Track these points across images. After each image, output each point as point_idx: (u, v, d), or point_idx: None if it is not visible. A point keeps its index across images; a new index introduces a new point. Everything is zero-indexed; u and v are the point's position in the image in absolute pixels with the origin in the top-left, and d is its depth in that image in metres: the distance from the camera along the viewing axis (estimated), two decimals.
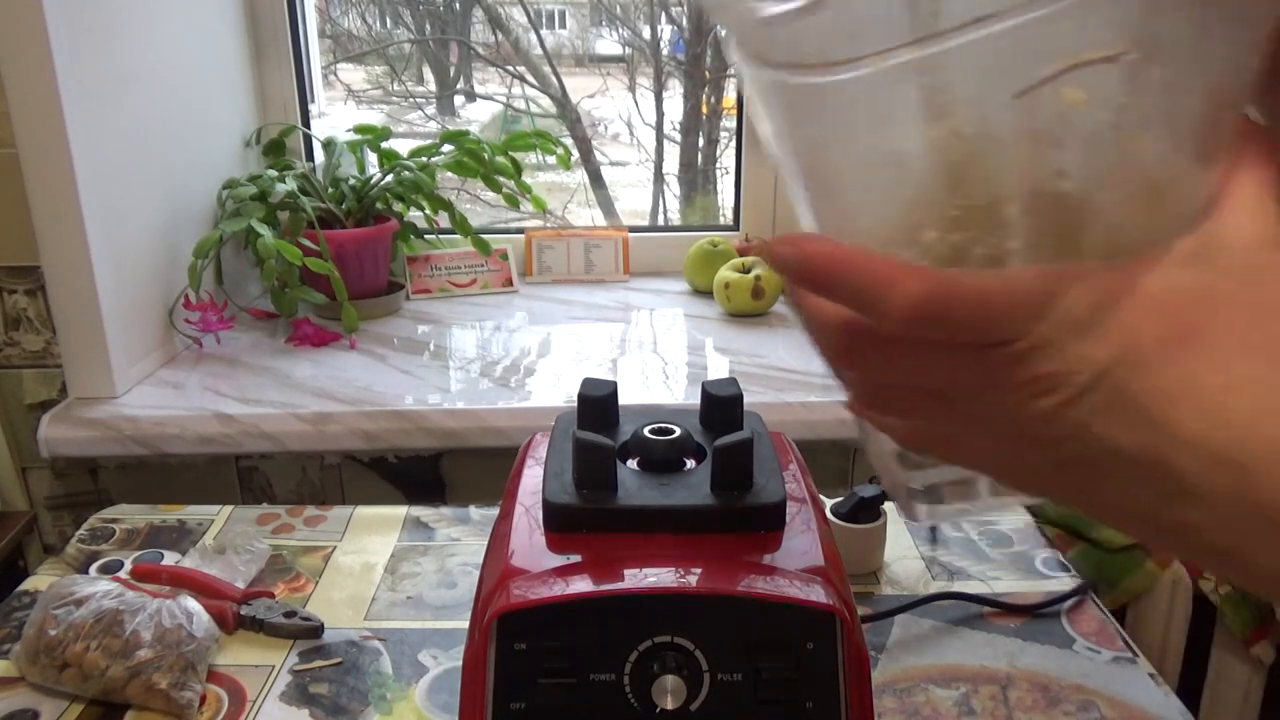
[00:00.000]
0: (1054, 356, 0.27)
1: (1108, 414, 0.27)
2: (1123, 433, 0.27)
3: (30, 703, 0.68)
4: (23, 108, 1.04)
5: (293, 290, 1.32)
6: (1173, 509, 0.27)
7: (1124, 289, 0.27)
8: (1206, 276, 0.27)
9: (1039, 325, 0.27)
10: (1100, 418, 0.27)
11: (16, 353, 1.16)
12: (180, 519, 0.93)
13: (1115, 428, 0.27)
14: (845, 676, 0.49)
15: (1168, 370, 0.26)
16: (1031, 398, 0.28)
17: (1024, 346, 0.27)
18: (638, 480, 0.56)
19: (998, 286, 0.27)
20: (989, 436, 0.30)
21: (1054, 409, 0.28)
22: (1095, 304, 0.27)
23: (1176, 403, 0.26)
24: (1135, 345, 0.27)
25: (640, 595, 0.49)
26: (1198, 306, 0.27)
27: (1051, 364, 0.27)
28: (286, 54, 1.53)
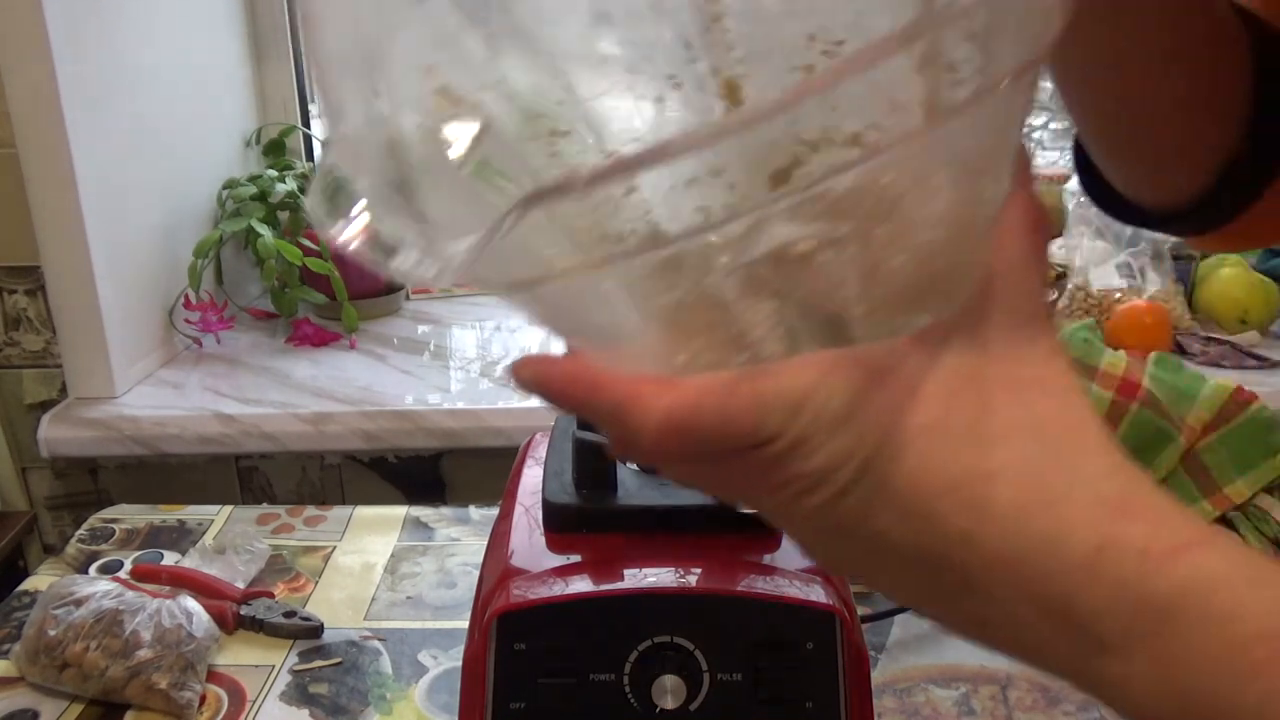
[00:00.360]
0: (812, 454, 0.25)
1: (879, 508, 0.26)
2: (897, 526, 0.26)
3: (30, 703, 0.68)
4: (23, 108, 1.04)
5: (293, 290, 1.32)
6: (964, 602, 0.26)
7: (885, 373, 0.25)
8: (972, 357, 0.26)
9: (794, 423, 0.25)
10: (874, 512, 0.26)
11: (16, 353, 1.16)
12: (180, 519, 0.93)
13: (889, 522, 0.26)
14: (845, 676, 0.49)
15: (930, 460, 0.25)
16: (800, 495, 0.26)
17: (781, 447, 0.25)
18: (638, 480, 0.56)
19: (745, 391, 0.25)
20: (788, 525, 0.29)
21: (826, 504, 0.26)
22: (854, 393, 0.25)
23: (941, 496, 0.25)
24: (896, 433, 0.25)
25: (640, 595, 0.49)
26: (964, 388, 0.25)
27: (810, 462, 0.25)
28: (286, 54, 1.53)
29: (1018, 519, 0.25)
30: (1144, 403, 1.10)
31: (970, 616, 0.27)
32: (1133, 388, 1.11)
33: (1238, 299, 1.38)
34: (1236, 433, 1.13)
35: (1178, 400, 1.14)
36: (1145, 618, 0.24)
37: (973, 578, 0.25)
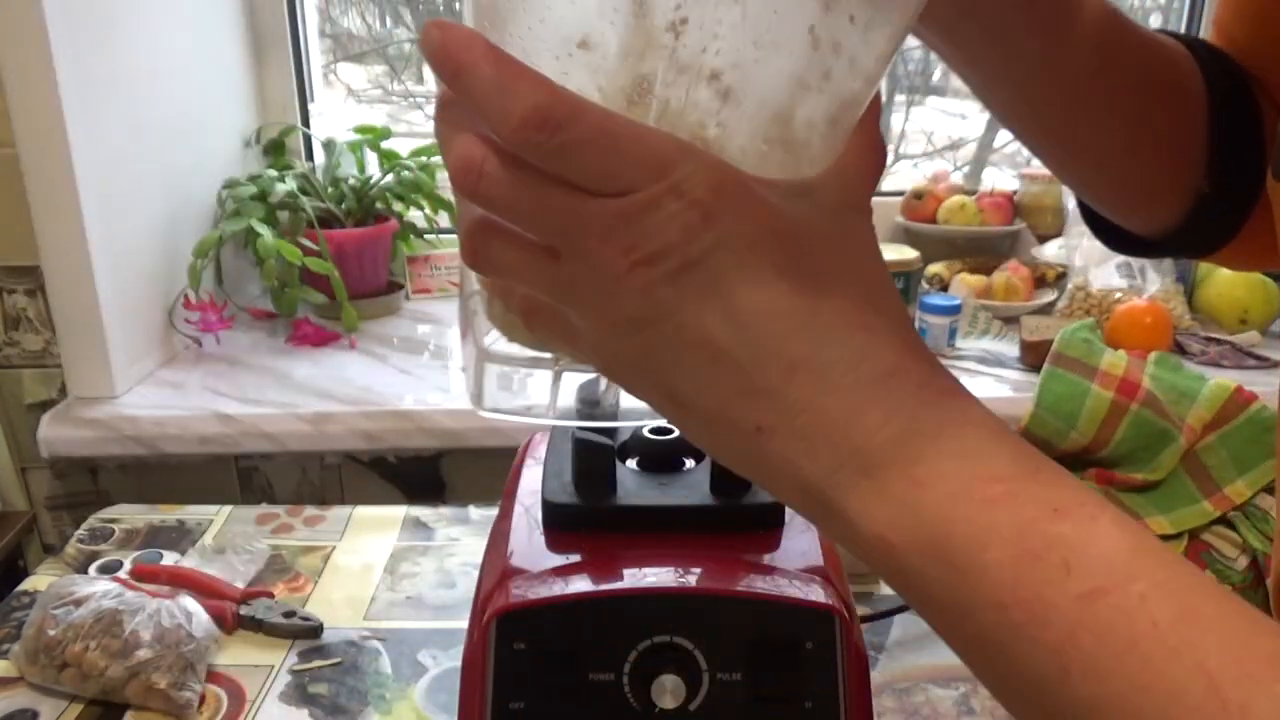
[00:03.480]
0: (665, 223, 0.27)
1: (701, 299, 0.28)
2: (711, 320, 0.28)
3: (30, 703, 0.68)
4: (23, 108, 1.04)
5: (293, 290, 1.32)
6: (750, 408, 0.29)
7: (742, 186, 0.28)
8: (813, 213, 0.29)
9: (657, 183, 0.27)
10: (693, 302, 0.28)
11: (16, 353, 1.16)
12: (180, 519, 0.93)
13: (706, 315, 0.28)
14: (845, 676, 0.49)
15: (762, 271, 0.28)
16: (638, 264, 0.27)
17: (639, 200, 0.27)
18: (637, 480, 0.56)
19: (625, 127, 0.27)
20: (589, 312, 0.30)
21: (653, 282, 0.28)
22: (714, 186, 0.27)
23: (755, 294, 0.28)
24: (739, 235, 0.27)
25: (640, 595, 0.49)
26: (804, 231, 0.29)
27: (660, 228, 0.27)
28: (286, 54, 1.53)
29: (828, 335, 0.28)
30: (1144, 403, 1.10)
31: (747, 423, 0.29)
32: (1133, 388, 1.11)
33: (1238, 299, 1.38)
34: (1236, 433, 1.12)
35: (1178, 400, 1.14)
36: (911, 441, 0.28)
37: (768, 383, 0.28)
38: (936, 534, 0.28)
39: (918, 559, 0.28)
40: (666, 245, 0.27)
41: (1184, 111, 0.48)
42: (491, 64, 0.27)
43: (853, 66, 0.30)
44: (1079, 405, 1.11)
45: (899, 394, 0.28)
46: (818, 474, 0.29)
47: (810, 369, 0.28)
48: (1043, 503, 0.28)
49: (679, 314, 0.28)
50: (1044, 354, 1.20)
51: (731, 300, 0.28)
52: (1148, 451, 1.11)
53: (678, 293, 0.28)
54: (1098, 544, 0.27)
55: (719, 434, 0.30)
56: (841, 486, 0.29)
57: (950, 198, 1.58)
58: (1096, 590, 0.26)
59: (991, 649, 0.28)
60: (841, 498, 0.29)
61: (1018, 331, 1.30)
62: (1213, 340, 1.32)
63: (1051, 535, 0.27)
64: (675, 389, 0.30)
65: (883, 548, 0.28)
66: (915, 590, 0.29)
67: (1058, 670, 0.26)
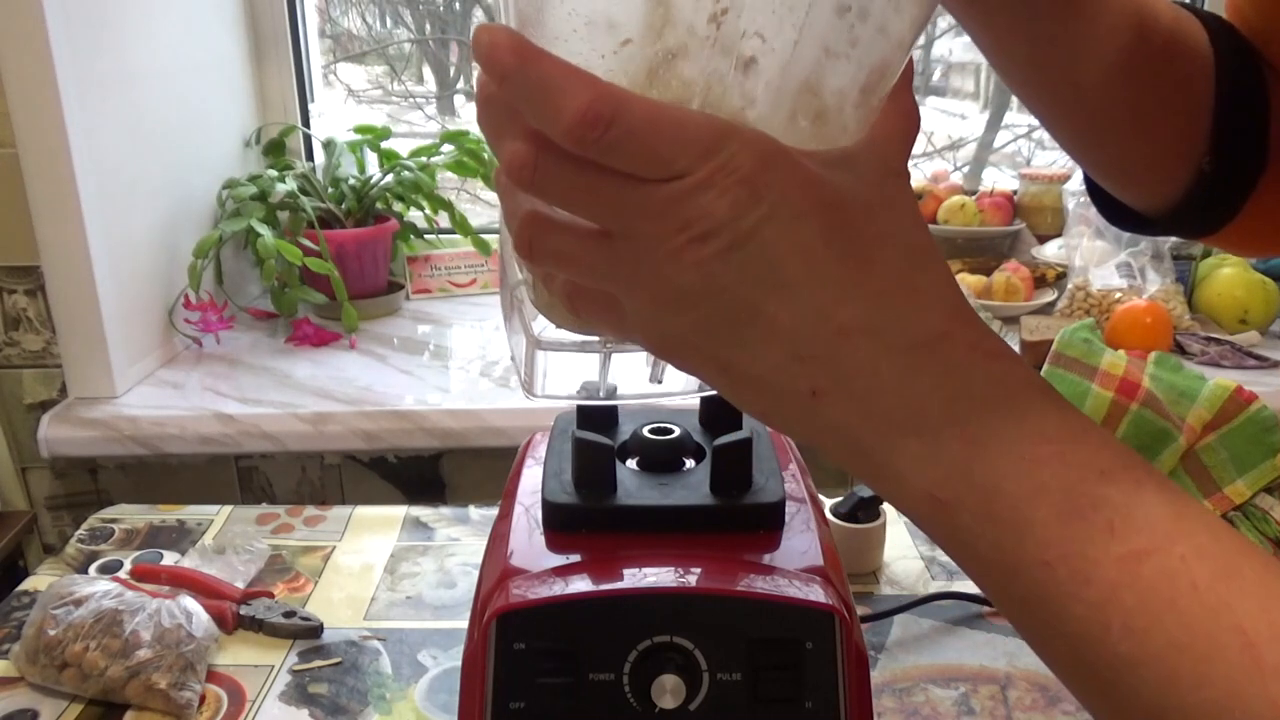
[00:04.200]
0: (715, 201, 0.28)
1: (752, 272, 0.29)
2: (763, 292, 0.29)
3: (30, 703, 0.68)
4: (23, 108, 1.04)
5: (293, 290, 1.32)
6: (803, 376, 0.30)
7: (787, 159, 0.29)
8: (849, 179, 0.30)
9: (705, 165, 0.28)
10: (745, 275, 0.29)
11: (16, 353, 1.16)
12: (180, 519, 0.93)
13: (758, 287, 0.29)
14: (844, 676, 0.49)
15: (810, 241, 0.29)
16: (687, 244, 0.28)
17: (689, 183, 0.28)
18: (637, 480, 0.56)
19: (670, 114, 0.28)
20: (641, 292, 0.30)
21: (705, 259, 0.28)
22: (759, 162, 0.28)
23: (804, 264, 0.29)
24: (786, 207, 0.28)
25: (640, 595, 0.49)
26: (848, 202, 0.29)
27: (711, 207, 0.28)
28: (286, 54, 1.53)
29: (877, 300, 0.29)
30: (1144, 403, 1.10)
31: (802, 387, 0.30)
32: (1133, 388, 1.11)
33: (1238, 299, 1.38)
34: (1236, 433, 1.13)
35: (1178, 400, 1.14)
36: (961, 403, 0.29)
37: (821, 349, 0.29)
38: (985, 493, 0.28)
39: (966, 517, 0.29)
40: (718, 223, 0.28)
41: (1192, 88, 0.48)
42: (539, 66, 0.27)
43: (882, 33, 0.30)
44: (1079, 405, 1.11)
45: (949, 357, 0.29)
46: (871, 435, 0.30)
47: (862, 334, 0.29)
48: (1090, 465, 0.28)
49: (732, 288, 0.29)
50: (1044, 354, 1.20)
51: (782, 271, 0.29)
52: (1148, 451, 1.11)
53: (730, 268, 0.29)
54: (1142, 507, 0.28)
55: (773, 400, 0.31)
56: (894, 447, 0.29)
57: (950, 198, 1.58)
58: (1139, 551, 0.27)
59: (1035, 606, 0.29)
60: (894, 458, 0.30)
61: (1018, 331, 1.30)
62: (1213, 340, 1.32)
63: (1098, 496, 0.28)
64: (728, 360, 0.31)
65: (933, 506, 0.29)
66: (963, 548, 0.30)
67: (1098, 627, 0.27)
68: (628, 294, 0.31)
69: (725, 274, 0.29)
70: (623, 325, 0.32)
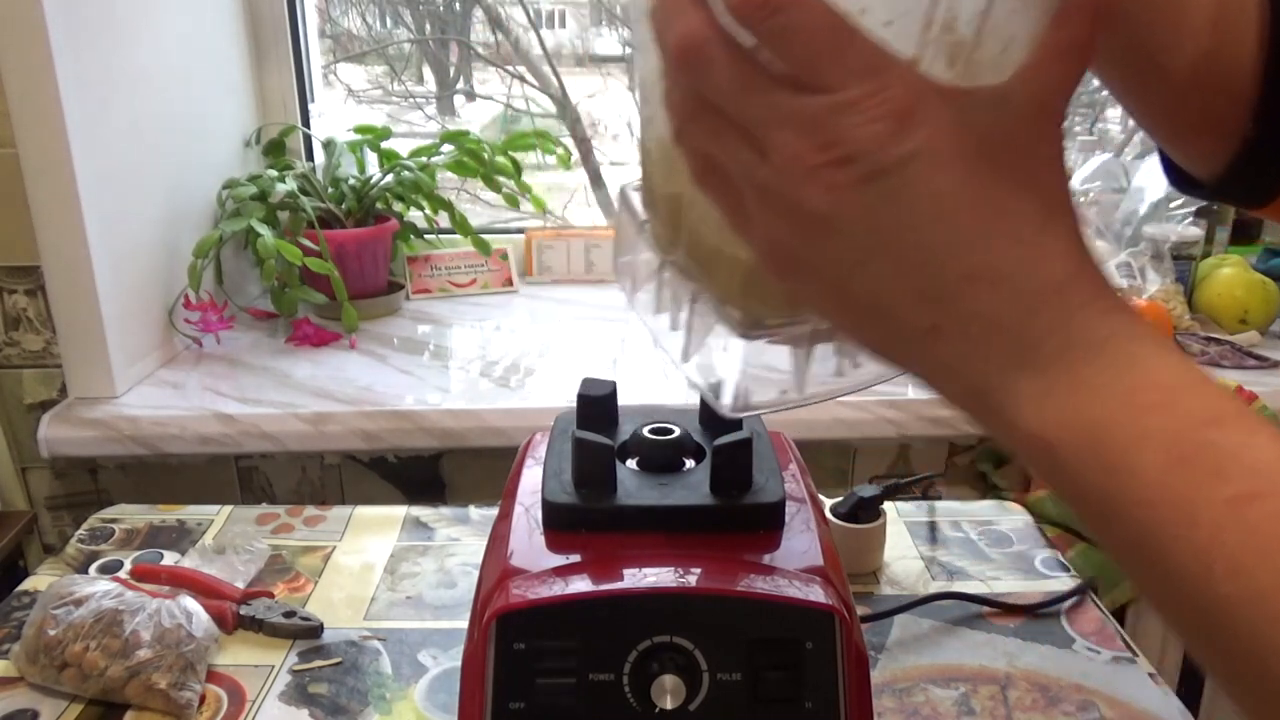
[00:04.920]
0: (863, 126, 0.28)
1: (888, 206, 0.29)
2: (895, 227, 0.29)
3: (30, 703, 0.68)
4: (23, 108, 1.04)
5: (293, 290, 1.32)
6: (924, 311, 0.30)
7: (942, 98, 0.29)
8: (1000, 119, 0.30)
9: (860, 86, 0.28)
10: (880, 208, 0.29)
11: (16, 353, 1.16)
12: (180, 519, 0.93)
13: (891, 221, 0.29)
14: (845, 676, 0.49)
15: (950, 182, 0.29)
16: (826, 165, 0.28)
17: (839, 100, 0.28)
18: (637, 480, 0.56)
19: (841, 25, 0.28)
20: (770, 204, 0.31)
21: (841, 184, 0.29)
22: (916, 96, 0.28)
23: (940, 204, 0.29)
24: (932, 146, 0.28)
25: (640, 595, 0.49)
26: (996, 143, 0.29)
27: (857, 131, 0.28)
28: (286, 54, 1.53)
29: (1009, 245, 0.29)
30: None
31: (921, 324, 0.30)
32: None
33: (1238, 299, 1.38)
34: None
35: None
36: (1078, 348, 0.29)
37: (947, 289, 0.30)
38: (1094, 436, 0.29)
39: (1074, 459, 0.29)
40: (860, 149, 0.28)
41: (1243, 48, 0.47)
42: None
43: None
44: None
45: (1071, 304, 0.30)
46: (985, 375, 0.30)
47: (989, 276, 0.29)
48: (1200, 412, 0.29)
49: (863, 220, 0.29)
50: None
51: (917, 209, 0.29)
52: None
53: (864, 199, 0.29)
54: (1252, 452, 0.28)
55: (888, 333, 0.32)
56: (1007, 388, 0.30)
57: None
58: (1246, 494, 0.27)
59: (1138, 547, 0.29)
60: (1005, 399, 0.30)
61: None
62: (1213, 340, 1.32)
63: (1205, 441, 0.28)
64: (849, 289, 0.31)
65: (1042, 447, 0.30)
66: (1069, 488, 0.30)
67: (1202, 568, 0.27)
68: (757, 202, 0.31)
69: (858, 205, 0.29)
70: (746, 227, 0.32)
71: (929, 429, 1.14)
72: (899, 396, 1.16)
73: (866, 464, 1.22)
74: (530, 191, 1.53)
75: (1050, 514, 1.11)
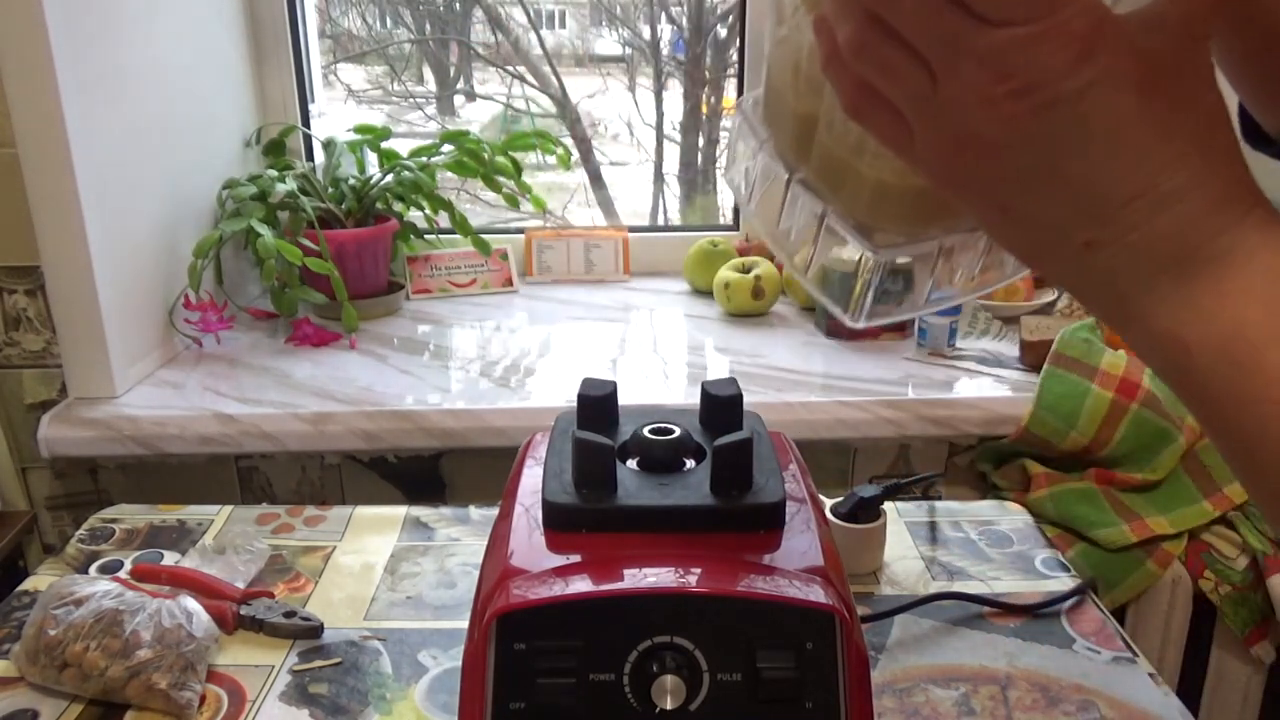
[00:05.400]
0: (1045, 58, 0.29)
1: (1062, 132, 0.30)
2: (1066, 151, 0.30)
3: (30, 703, 0.68)
4: (23, 108, 1.04)
5: (293, 290, 1.32)
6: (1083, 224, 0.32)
7: (1116, 27, 0.30)
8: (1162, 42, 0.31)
9: (1043, 19, 0.29)
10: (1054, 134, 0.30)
11: (16, 353, 1.16)
12: (180, 519, 0.93)
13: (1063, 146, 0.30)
14: (845, 676, 0.49)
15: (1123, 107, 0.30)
16: (1005, 95, 0.30)
17: (1023, 33, 0.29)
18: (637, 480, 0.56)
19: None
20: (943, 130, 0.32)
21: (1019, 113, 0.30)
22: (1094, 26, 0.29)
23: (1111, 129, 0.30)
24: (1109, 74, 0.30)
25: (640, 595, 0.49)
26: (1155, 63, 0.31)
27: (1038, 62, 0.29)
28: (286, 54, 1.53)
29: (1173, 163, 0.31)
30: (1144, 403, 1.10)
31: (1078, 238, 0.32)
32: (1133, 388, 1.11)
33: None
34: None
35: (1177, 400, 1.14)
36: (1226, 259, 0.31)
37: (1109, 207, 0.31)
38: (1227, 336, 0.31)
39: (1205, 358, 0.31)
40: (1040, 79, 0.29)
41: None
42: None
43: None
44: (1079, 405, 1.11)
45: (1225, 218, 0.31)
46: (1131, 283, 0.32)
47: (1154, 195, 0.31)
48: None
49: (1036, 144, 0.31)
50: (1044, 354, 1.20)
51: (1090, 134, 0.30)
52: (1148, 451, 1.11)
53: (1040, 125, 0.30)
54: None
55: (1044, 246, 0.33)
56: (1150, 293, 0.32)
57: None
58: None
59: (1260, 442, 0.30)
60: (1147, 302, 0.32)
61: (1018, 331, 1.30)
62: None
63: None
64: (1011, 204, 0.32)
65: (1177, 347, 0.31)
66: (1195, 386, 0.32)
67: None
68: (931, 129, 0.32)
69: (1033, 130, 0.30)
70: (907, 148, 0.34)
71: (929, 429, 1.14)
72: (899, 396, 1.16)
73: (866, 464, 1.22)
74: (530, 191, 1.53)
75: (1050, 514, 1.11)
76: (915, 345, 1.31)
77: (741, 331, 1.39)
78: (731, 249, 1.52)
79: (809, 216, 0.41)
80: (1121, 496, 1.12)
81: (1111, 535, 1.08)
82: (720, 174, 1.93)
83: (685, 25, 1.90)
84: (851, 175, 0.38)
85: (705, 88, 1.92)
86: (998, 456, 1.20)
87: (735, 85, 1.72)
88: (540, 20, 1.93)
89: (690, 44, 1.90)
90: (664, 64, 1.96)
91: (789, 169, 0.42)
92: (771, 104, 0.42)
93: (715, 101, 1.93)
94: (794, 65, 0.39)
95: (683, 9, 1.88)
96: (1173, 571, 1.09)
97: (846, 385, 1.19)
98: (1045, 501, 1.11)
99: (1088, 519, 1.09)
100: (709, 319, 1.45)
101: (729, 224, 1.73)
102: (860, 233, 0.39)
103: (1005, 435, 1.15)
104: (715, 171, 1.94)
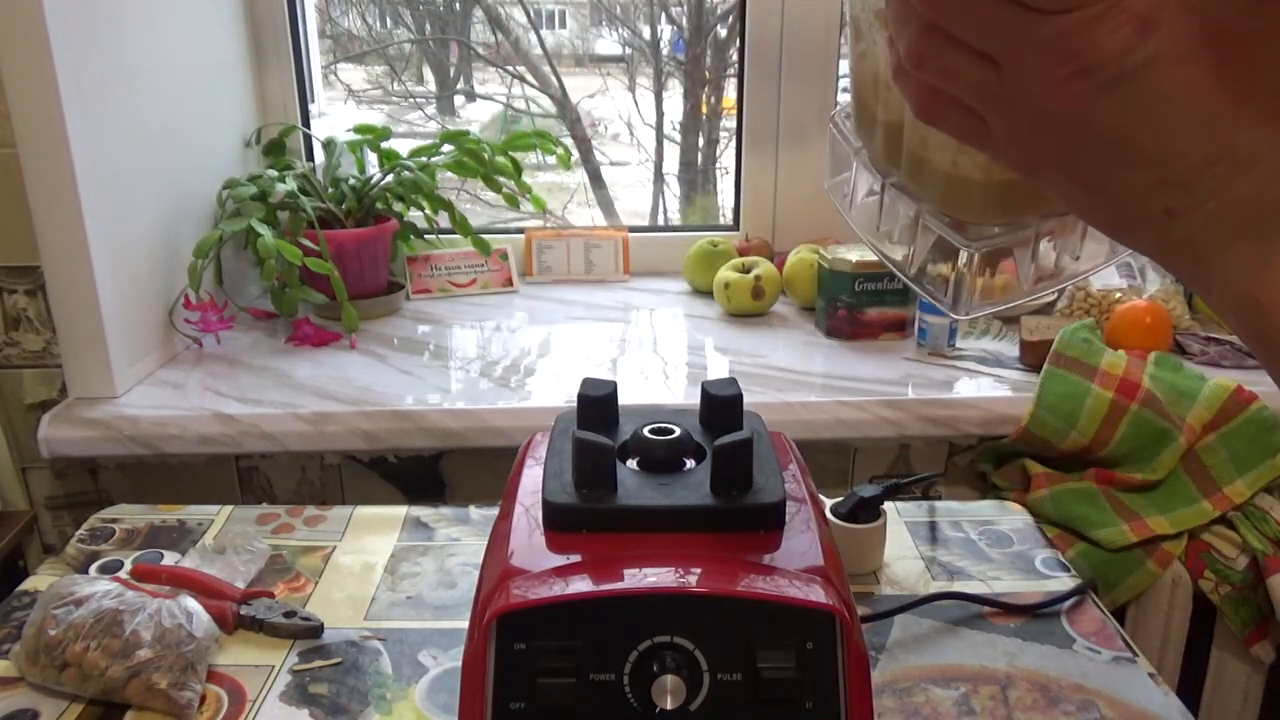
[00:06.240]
0: (1107, 36, 0.30)
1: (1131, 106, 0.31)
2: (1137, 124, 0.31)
3: (30, 703, 0.68)
4: (23, 108, 1.04)
5: (293, 290, 1.32)
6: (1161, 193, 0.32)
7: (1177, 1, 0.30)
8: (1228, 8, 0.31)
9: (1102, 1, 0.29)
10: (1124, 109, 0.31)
11: (16, 353, 1.16)
12: (180, 519, 0.93)
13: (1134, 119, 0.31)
14: (845, 676, 0.49)
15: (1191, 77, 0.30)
16: (1072, 76, 0.30)
17: (1084, 16, 0.29)
18: (637, 480, 0.56)
19: None
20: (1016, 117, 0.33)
21: (1087, 92, 0.31)
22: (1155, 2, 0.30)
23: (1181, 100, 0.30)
24: (1173, 45, 0.30)
25: (640, 595, 0.49)
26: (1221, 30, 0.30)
27: (1101, 42, 0.30)
28: (286, 54, 1.53)
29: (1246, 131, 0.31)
30: (1144, 403, 1.10)
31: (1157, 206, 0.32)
32: (1133, 388, 1.11)
33: None
34: (1236, 432, 1.13)
35: (1178, 400, 1.14)
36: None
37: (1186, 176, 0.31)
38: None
39: None
40: (1105, 58, 0.30)
41: None
42: None
43: None
44: (1079, 405, 1.11)
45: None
46: (1212, 246, 0.32)
47: (1230, 159, 0.31)
48: None
49: (1109, 119, 0.31)
50: (1044, 354, 1.20)
51: (1161, 107, 0.30)
52: (1147, 451, 1.11)
53: (1110, 101, 0.31)
54: None
55: (1126, 217, 0.34)
56: (1230, 254, 0.32)
57: None
58: None
59: None
60: (1226, 263, 0.32)
61: (1018, 331, 1.30)
62: (1213, 340, 1.32)
63: None
64: (1090, 179, 0.33)
65: (1252, 306, 0.32)
66: (1269, 343, 0.32)
67: None
68: (1003, 117, 0.33)
69: (1104, 106, 0.31)
70: (984, 141, 0.34)
71: (929, 429, 1.14)
72: (899, 396, 1.16)
73: (866, 464, 1.22)
74: (530, 191, 1.53)
75: (1050, 514, 1.11)
76: (915, 345, 1.31)
77: (741, 331, 1.39)
78: (731, 249, 1.52)
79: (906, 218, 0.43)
80: (1121, 496, 1.12)
81: (1111, 535, 1.08)
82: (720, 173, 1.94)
83: (685, 25, 1.90)
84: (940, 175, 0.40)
85: (705, 88, 1.92)
86: (998, 456, 1.20)
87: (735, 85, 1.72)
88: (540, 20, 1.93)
89: (690, 44, 1.90)
90: (664, 64, 1.96)
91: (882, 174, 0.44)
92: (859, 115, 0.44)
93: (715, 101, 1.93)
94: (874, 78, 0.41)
95: (683, 9, 1.88)
96: (1173, 571, 1.09)
97: (846, 385, 1.19)
98: (1045, 501, 1.11)
99: (1088, 519, 1.09)
100: (709, 319, 1.45)
101: (729, 224, 1.73)
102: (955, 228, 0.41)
103: (1005, 435, 1.15)
104: (715, 171, 1.94)
